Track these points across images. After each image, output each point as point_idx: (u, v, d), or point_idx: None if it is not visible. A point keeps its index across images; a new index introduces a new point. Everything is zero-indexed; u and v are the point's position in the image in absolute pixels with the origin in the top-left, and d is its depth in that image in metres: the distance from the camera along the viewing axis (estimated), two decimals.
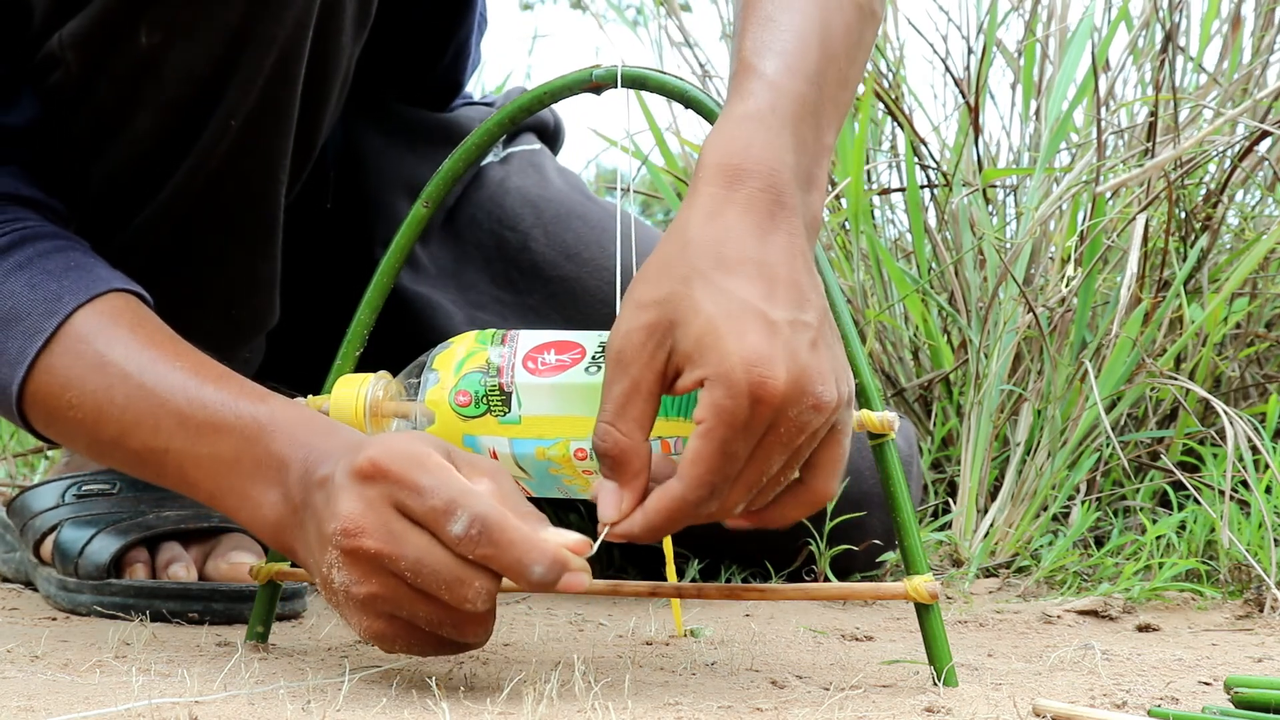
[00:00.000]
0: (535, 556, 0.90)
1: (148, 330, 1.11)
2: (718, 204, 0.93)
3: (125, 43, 1.15)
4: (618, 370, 0.92)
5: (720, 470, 0.91)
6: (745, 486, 0.92)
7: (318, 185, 1.46)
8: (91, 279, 1.14)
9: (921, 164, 1.87)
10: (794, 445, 0.92)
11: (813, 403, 0.90)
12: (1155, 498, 1.71)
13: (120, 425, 1.08)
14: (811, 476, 0.95)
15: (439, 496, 0.91)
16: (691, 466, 0.91)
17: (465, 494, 0.91)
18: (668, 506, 0.92)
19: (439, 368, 1.03)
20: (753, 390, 0.89)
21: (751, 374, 0.89)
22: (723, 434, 0.90)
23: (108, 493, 1.39)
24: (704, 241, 0.92)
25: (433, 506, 0.91)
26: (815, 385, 0.90)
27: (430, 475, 0.91)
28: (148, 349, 1.09)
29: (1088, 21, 1.77)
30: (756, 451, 0.91)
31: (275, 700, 0.94)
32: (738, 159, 0.94)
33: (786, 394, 0.90)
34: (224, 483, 1.03)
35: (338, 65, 1.24)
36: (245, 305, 1.32)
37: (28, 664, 1.07)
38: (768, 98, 0.96)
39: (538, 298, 1.51)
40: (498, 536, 0.90)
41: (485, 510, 0.90)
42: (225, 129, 1.19)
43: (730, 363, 0.89)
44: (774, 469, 0.92)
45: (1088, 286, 1.65)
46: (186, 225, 1.25)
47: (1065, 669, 1.11)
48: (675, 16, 2.08)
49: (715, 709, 0.94)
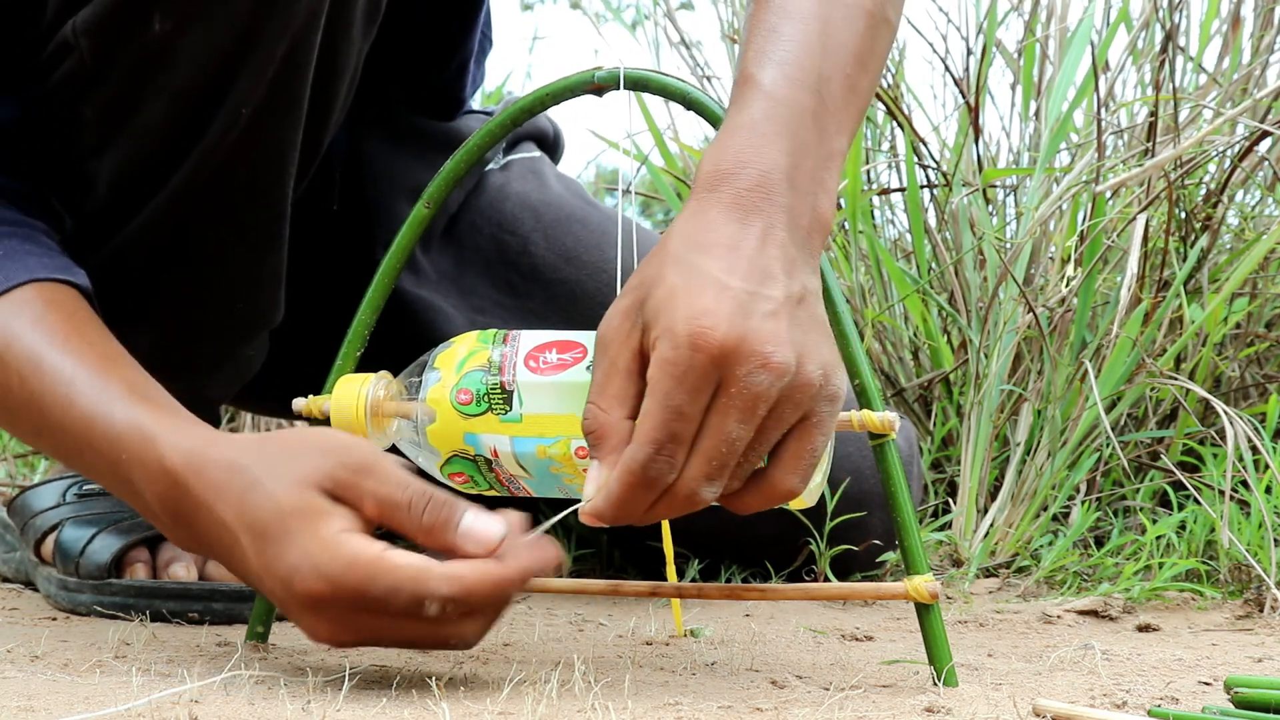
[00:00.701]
0: (512, 591, 0.94)
1: (47, 323, 1.11)
2: (702, 203, 0.96)
3: (138, 30, 1.16)
4: (600, 353, 0.95)
5: (667, 426, 0.91)
6: (705, 456, 0.92)
7: (323, 186, 1.47)
8: (14, 268, 1.14)
9: (921, 164, 1.87)
10: (752, 413, 0.91)
11: (760, 362, 0.90)
12: (1155, 498, 1.71)
13: (30, 428, 1.10)
14: (773, 466, 0.95)
15: (399, 599, 0.93)
16: (640, 424, 0.92)
17: (422, 582, 0.93)
18: (622, 473, 0.92)
19: (440, 366, 1.03)
20: (692, 339, 0.90)
21: (691, 324, 0.90)
22: (666, 385, 0.91)
23: (108, 492, 1.39)
24: (683, 233, 0.95)
25: (400, 608, 0.93)
26: (763, 345, 0.91)
27: (379, 582, 0.93)
28: (40, 347, 1.09)
29: (1087, 22, 1.77)
30: (711, 416, 0.91)
31: (275, 700, 0.94)
32: (728, 165, 0.96)
33: (725, 344, 0.90)
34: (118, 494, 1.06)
35: (347, 60, 1.24)
36: (250, 300, 1.33)
37: (28, 664, 1.07)
38: (763, 106, 0.98)
39: (538, 301, 1.52)
40: (471, 600, 0.93)
41: (447, 590, 0.93)
42: (236, 118, 1.20)
43: (674, 316, 0.91)
44: (734, 437, 0.91)
45: (1088, 286, 1.65)
46: (193, 217, 1.26)
47: (1065, 669, 1.11)
48: (672, 19, 2.08)
49: (715, 709, 0.94)
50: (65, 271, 1.16)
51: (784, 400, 0.92)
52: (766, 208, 0.95)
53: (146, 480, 1.02)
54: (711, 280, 0.92)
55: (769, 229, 0.94)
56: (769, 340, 0.91)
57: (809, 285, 0.95)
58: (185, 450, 1.00)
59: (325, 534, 0.94)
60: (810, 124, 0.98)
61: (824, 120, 0.99)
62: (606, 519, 0.94)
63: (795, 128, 0.97)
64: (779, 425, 0.93)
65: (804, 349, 0.93)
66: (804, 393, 0.92)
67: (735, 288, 0.92)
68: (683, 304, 0.91)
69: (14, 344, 1.10)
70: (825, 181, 0.98)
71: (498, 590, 0.94)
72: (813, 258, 0.97)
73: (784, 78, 0.99)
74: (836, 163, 1.00)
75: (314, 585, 0.94)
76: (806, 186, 0.97)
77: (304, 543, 0.94)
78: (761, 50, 1.00)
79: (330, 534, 0.94)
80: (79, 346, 1.09)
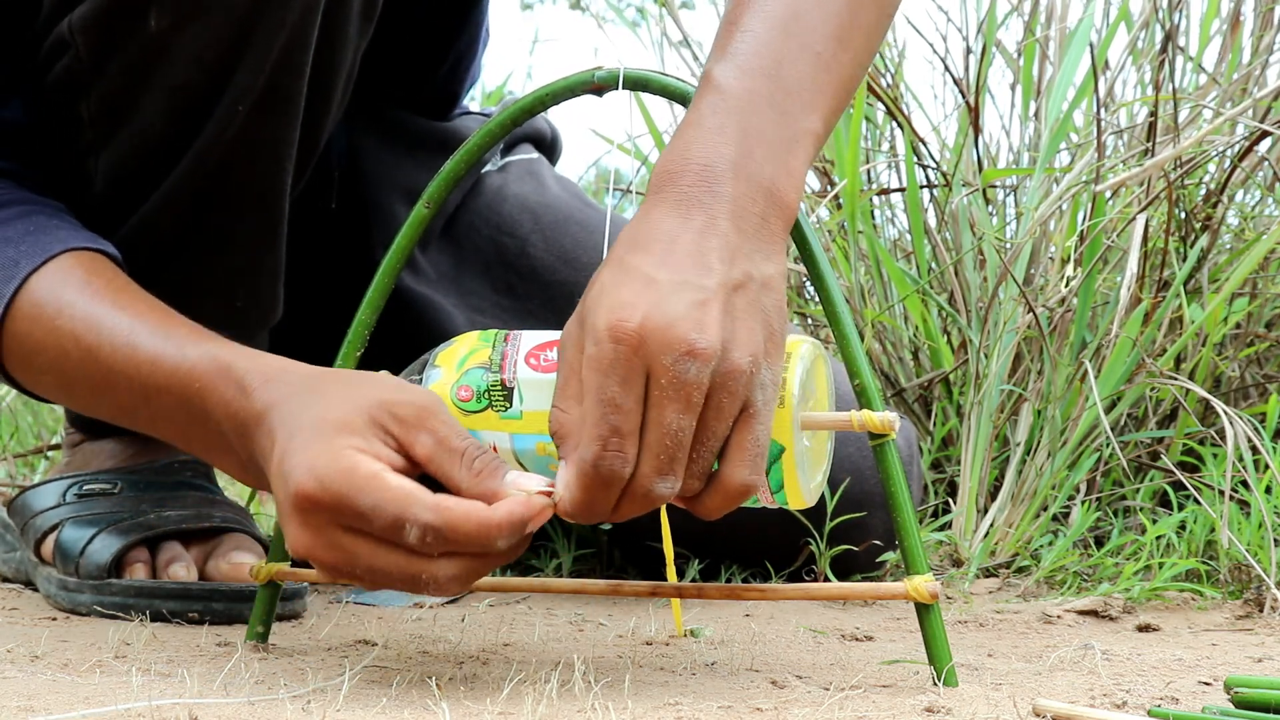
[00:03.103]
0: (494, 533, 0.92)
1: (94, 287, 1.13)
2: (648, 206, 0.97)
3: (135, 27, 1.16)
4: (560, 359, 0.95)
5: (605, 420, 0.91)
6: (652, 451, 0.92)
7: (322, 185, 1.47)
8: (49, 240, 1.15)
9: (921, 164, 1.87)
10: (688, 401, 0.91)
11: (685, 349, 0.91)
12: (1155, 498, 1.71)
13: (88, 388, 1.11)
14: (723, 463, 0.95)
15: (382, 517, 0.92)
16: (582, 424, 0.92)
17: (407, 505, 0.92)
18: (575, 472, 0.93)
19: (441, 364, 1.04)
20: (610, 331, 0.91)
21: (609, 317, 0.91)
22: (595, 380, 0.91)
23: (109, 492, 1.39)
24: (626, 236, 0.96)
25: (381, 528, 0.92)
26: (686, 331, 0.91)
27: (367, 495, 0.92)
28: (93, 307, 1.11)
29: (1087, 22, 1.77)
30: (650, 410, 0.92)
31: (275, 700, 0.95)
32: (674, 165, 0.97)
33: (644, 332, 0.91)
34: (184, 437, 1.07)
35: (344, 57, 1.24)
36: (249, 297, 1.33)
37: (28, 664, 1.07)
38: (710, 101, 0.98)
39: (536, 302, 1.52)
40: (452, 535, 0.92)
41: (430, 519, 0.92)
42: (233, 115, 1.20)
43: (597, 313, 0.92)
44: (675, 428, 0.91)
45: (1088, 286, 1.65)
46: (192, 214, 1.26)
47: (1065, 669, 1.11)
48: (675, 18, 2.08)
49: (715, 709, 0.94)
50: (95, 241, 1.18)
51: (718, 388, 0.92)
52: (708, 200, 0.95)
53: (220, 403, 1.02)
54: (638, 274, 0.93)
55: (710, 220, 0.95)
56: (693, 327, 0.91)
57: (754, 272, 0.95)
58: (263, 367, 1.02)
59: (339, 445, 0.94)
60: (765, 110, 0.98)
61: (784, 104, 0.99)
62: (576, 517, 0.94)
63: (745, 116, 0.98)
64: (720, 416, 0.93)
65: (733, 335, 0.93)
66: (735, 380, 0.92)
67: (661, 280, 0.92)
68: (606, 300, 0.92)
69: (65, 309, 1.12)
70: (788, 163, 0.98)
71: (480, 531, 0.92)
72: (766, 243, 0.96)
73: (735, 69, 0.99)
74: (806, 142, 0.99)
75: (305, 483, 0.93)
76: (761, 171, 0.97)
77: (315, 443, 0.94)
78: (723, 47, 1.01)
79: (343, 445, 0.94)
80: (131, 302, 1.11)
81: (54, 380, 1.14)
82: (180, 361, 1.05)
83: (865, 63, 1.06)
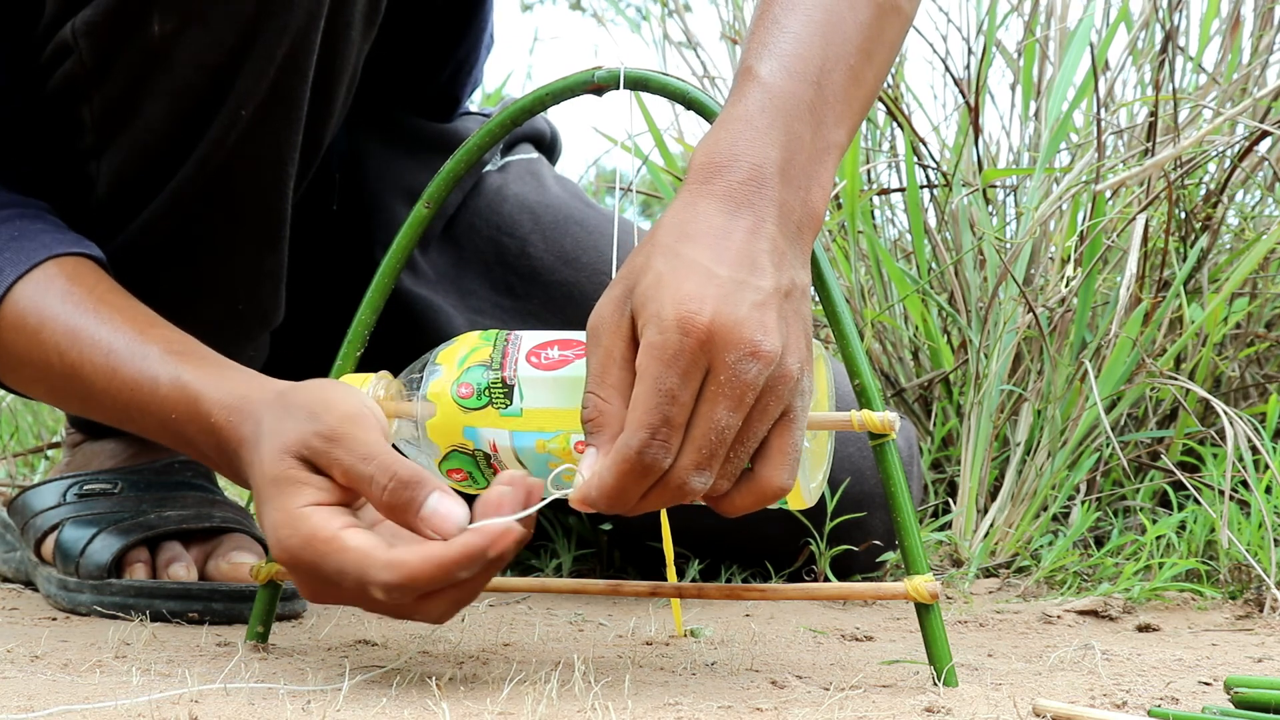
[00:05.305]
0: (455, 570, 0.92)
1: (76, 297, 1.14)
2: (694, 195, 0.96)
3: (138, 31, 1.16)
4: (592, 344, 0.95)
5: (660, 410, 0.91)
6: (695, 444, 0.92)
7: (323, 186, 1.47)
8: (33, 247, 1.17)
9: (921, 164, 1.87)
10: (741, 401, 0.91)
11: (750, 349, 0.91)
12: (1155, 498, 1.71)
13: (77, 400, 1.14)
14: (761, 464, 0.95)
15: (348, 580, 0.94)
16: (632, 410, 0.92)
17: (364, 568, 0.93)
18: (616, 459, 0.92)
19: (442, 362, 1.04)
20: (680, 323, 0.90)
21: (679, 309, 0.91)
22: (655, 370, 0.91)
23: (109, 492, 1.39)
24: (671, 223, 0.95)
25: (351, 590, 0.94)
26: (752, 333, 0.91)
27: (329, 561, 0.94)
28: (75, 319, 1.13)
29: (1087, 22, 1.77)
30: (701, 404, 0.91)
31: (275, 700, 0.95)
32: (721, 157, 0.96)
33: (713, 328, 0.90)
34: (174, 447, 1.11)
35: (346, 61, 1.24)
36: (251, 300, 1.33)
37: (28, 664, 1.07)
38: (759, 99, 0.98)
39: (537, 303, 1.52)
40: (414, 584, 0.93)
41: (388, 578, 0.92)
42: (235, 119, 1.20)
43: (662, 302, 0.91)
44: (723, 425, 0.91)
45: (1088, 286, 1.65)
46: (194, 217, 1.26)
47: (1065, 669, 1.11)
48: (679, 16, 2.08)
49: (715, 709, 0.94)
50: (79, 245, 1.19)
51: (768, 391, 0.92)
52: (757, 201, 0.95)
53: (200, 434, 1.05)
54: (698, 267, 0.92)
55: (759, 222, 0.95)
56: (756, 329, 0.91)
57: (797, 280, 0.95)
58: (226, 405, 1.04)
59: (290, 507, 0.95)
60: (807, 117, 0.98)
61: (822, 113, 0.99)
62: (599, 506, 0.94)
63: (790, 121, 0.97)
64: (764, 418, 0.93)
65: (788, 341, 0.93)
66: (785, 384, 0.93)
67: (723, 275, 0.92)
68: (669, 289, 0.91)
69: (48, 322, 1.14)
70: (819, 175, 0.98)
71: (441, 573, 0.92)
72: (802, 252, 0.97)
73: (783, 70, 0.99)
74: (833, 155, 1.00)
75: (279, 554, 0.96)
76: (799, 180, 0.97)
77: (273, 513, 0.96)
78: (763, 42, 1.00)
79: (294, 507, 0.95)
80: (110, 314, 1.13)
81: (43, 390, 1.18)
82: (154, 390, 1.08)
83: (884, 79, 1.07)
